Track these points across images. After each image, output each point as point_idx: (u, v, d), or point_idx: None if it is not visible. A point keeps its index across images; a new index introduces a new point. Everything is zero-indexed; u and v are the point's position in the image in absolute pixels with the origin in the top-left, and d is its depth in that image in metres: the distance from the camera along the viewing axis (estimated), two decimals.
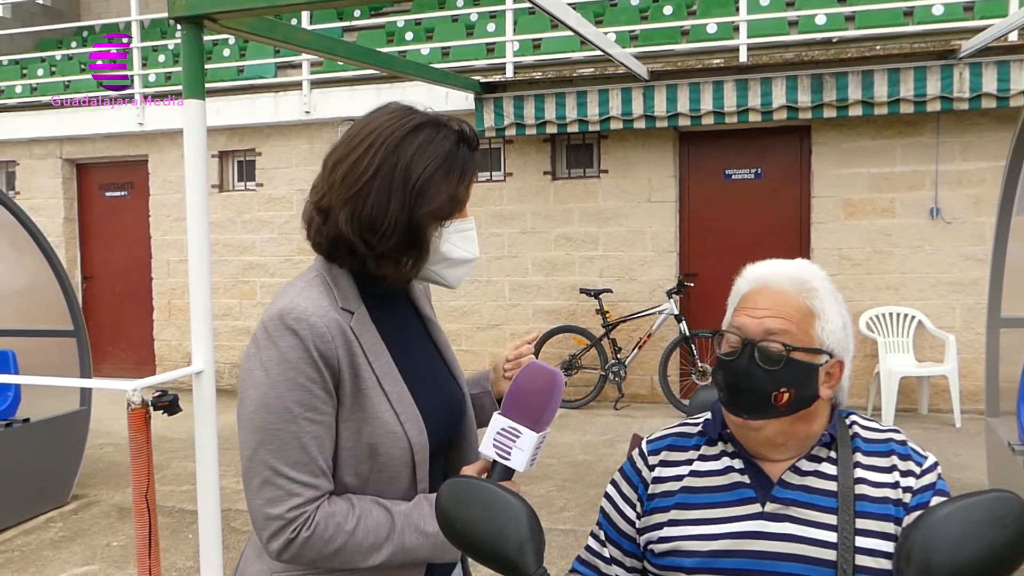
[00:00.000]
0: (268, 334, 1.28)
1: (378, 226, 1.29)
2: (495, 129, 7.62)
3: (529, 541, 1.08)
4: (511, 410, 1.28)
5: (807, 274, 1.38)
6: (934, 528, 0.91)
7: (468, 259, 1.42)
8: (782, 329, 1.32)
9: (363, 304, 1.36)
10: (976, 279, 6.95)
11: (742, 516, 1.33)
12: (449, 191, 1.33)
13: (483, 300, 8.17)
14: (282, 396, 1.27)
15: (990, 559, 0.88)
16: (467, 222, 1.40)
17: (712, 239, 7.66)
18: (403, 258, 1.33)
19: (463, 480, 1.14)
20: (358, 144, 1.33)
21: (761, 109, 6.96)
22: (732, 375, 1.34)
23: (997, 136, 6.83)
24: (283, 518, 1.28)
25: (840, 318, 1.37)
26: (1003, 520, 0.89)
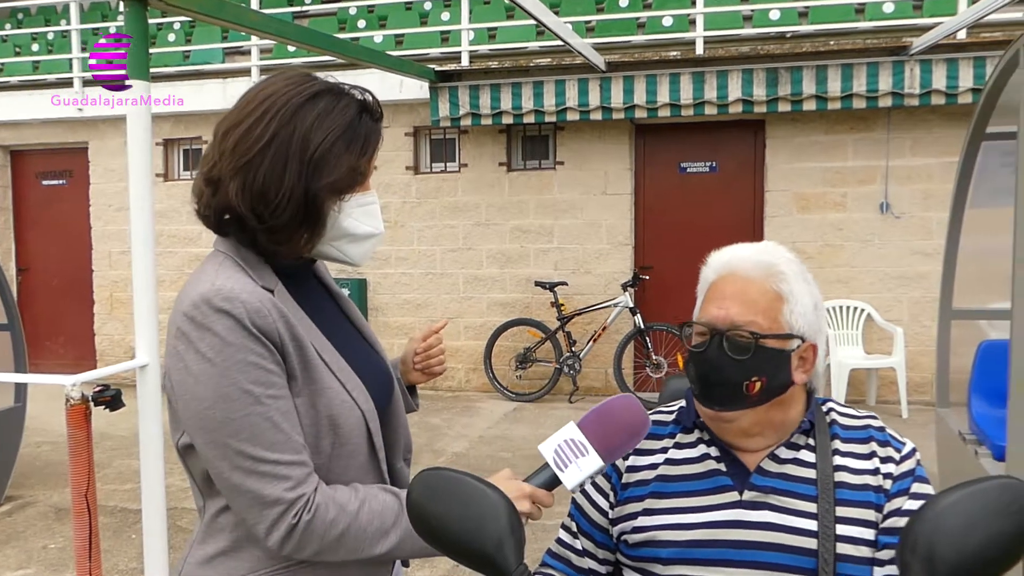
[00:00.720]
0: (197, 323, 1.17)
1: (271, 198, 1.20)
2: (450, 119, 7.51)
3: (509, 537, 1.00)
4: (590, 429, 1.19)
5: (774, 257, 1.35)
6: (938, 518, 0.87)
7: (372, 234, 1.33)
8: (749, 318, 1.29)
9: (280, 281, 1.28)
10: (924, 273, 7.07)
11: (720, 505, 1.29)
12: (350, 163, 1.25)
13: (437, 293, 8.06)
14: (236, 381, 1.17)
15: (996, 548, 0.85)
16: (369, 195, 1.32)
17: (667, 232, 7.66)
18: (297, 232, 1.24)
19: (436, 472, 1.05)
20: (252, 111, 1.24)
21: (717, 102, 6.97)
22: (702, 367, 1.30)
23: (946, 132, 6.94)
24: (283, 501, 1.18)
25: (810, 299, 1.33)
26: (1009, 508, 0.86)
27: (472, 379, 8.00)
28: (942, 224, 6.92)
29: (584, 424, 1.19)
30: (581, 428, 1.18)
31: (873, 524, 1.25)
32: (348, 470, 1.29)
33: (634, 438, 1.20)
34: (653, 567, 1.31)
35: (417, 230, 8.04)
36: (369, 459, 1.33)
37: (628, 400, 1.21)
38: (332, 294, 1.47)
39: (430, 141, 8.15)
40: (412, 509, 1.05)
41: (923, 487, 1.28)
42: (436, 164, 8.13)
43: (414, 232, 8.04)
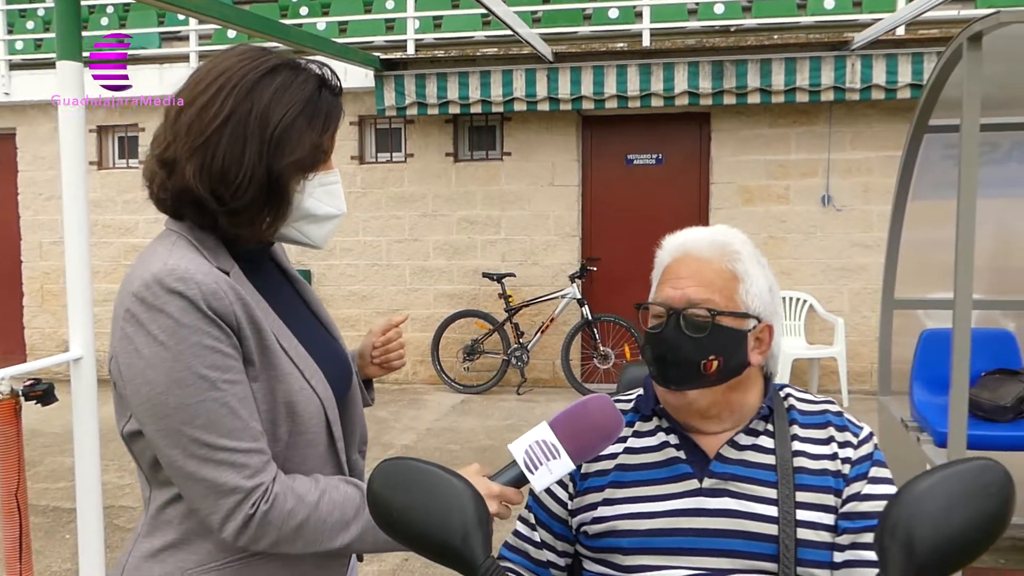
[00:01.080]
0: (148, 305, 1.11)
1: (231, 179, 1.14)
2: (396, 108, 7.41)
3: (476, 529, 0.96)
4: (563, 430, 1.15)
5: (728, 238, 1.35)
6: (917, 501, 0.86)
7: (334, 215, 1.28)
8: (706, 297, 1.28)
9: (236, 264, 1.22)
10: (863, 265, 7.23)
11: (680, 493, 1.28)
12: (313, 140, 1.20)
13: (383, 284, 7.96)
14: (191, 365, 1.10)
15: (975, 530, 0.84)
16: (331, 175, 1.26)
17: (614, 224, 7.68)
18: (260, 214, 1.19)
19: (399, 462, 0.99)
20: (205, 88, 1.17)
21: (663, 94, 7.00)
22: (659, 347, 1.29)
23: (885, 127, 7.09)
24: (240, 489, 1.12)
25: (765, 281, 1.33)
26: (988, 489, 0.85)
27: (419, 371, 7.93)
28: (882, 216, 7.10)
29: (556, 425, 1.14)
30: (553, 429, 1.14)
31: (832, 509, 1.25)
32: (307, 460, 1.24)
33: (606, 441, 1.17)
34: (614, 558, 1.28)
35: (362, 221, 7.91)
36: (328, 449, 1.28)
37: (602, 402, 1.17)
38: (290, 279, 1.41)
39: (375, 130, 8.03)
40: (374, 500, 0.99)
41: (881, 471, 1.29)
42: (382, 154, 8.01)
43: (359, 223, 7.92)
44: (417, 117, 7.66)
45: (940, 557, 0.83)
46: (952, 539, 0.83)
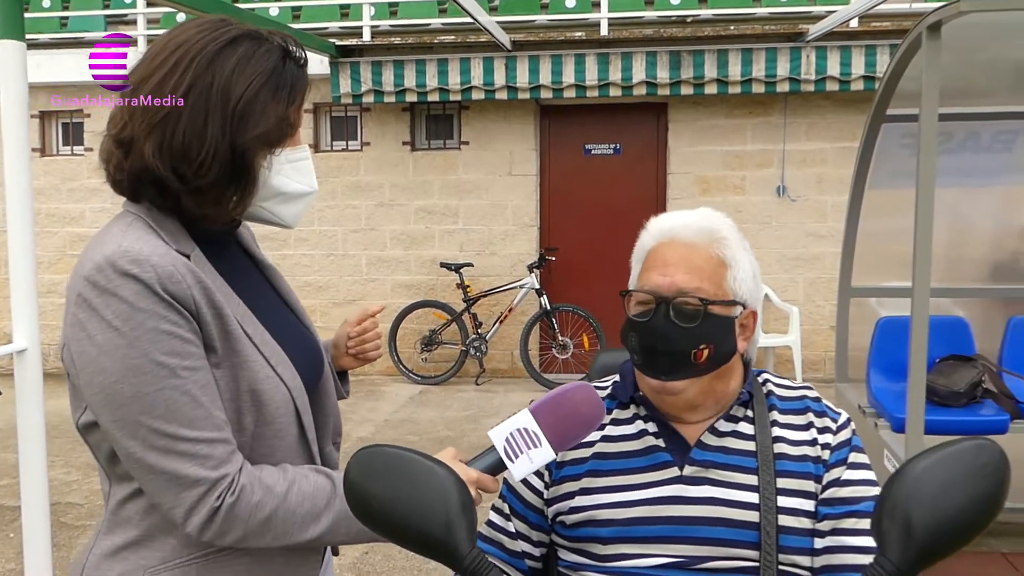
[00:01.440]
0: (100, 288, 1.05)
1: (193, 156, 1.09)
2: (352, 96, 7.29)
3: (460, 518, 0.91)
4: (545, 418, 1.10)
5: (716, 223, 1.32)
6: (916, 483, 0.84)
7: (305, 192, 1.23)
8: (696, 285, 1.25)
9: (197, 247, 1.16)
10: (817, 254, 7.32)
11: (660, 481, 1.25)
12: (278, 113, 1.14)
13: (339, 275, 7.85)
14: (148, 352, 1.04)
15: (973, 510, 0.83)
16: (300, 150, 1.21)
17: (572, 214, 7.67)
18: (226, 193, 1.13)
19: (377, 449, 0.94)
20: (163, 61, 1.11)
21: (622, 84, 7.00)
22: (648, 337, 1.25)
23: (839, 118, 7.18)
24: (204, 481, 1.07)
25: (750, 266, 1.31)
26: (984, 470, 0.84)
27: (376, 362, 7.82)
28: (835, 207, 7.21)
29: (539, 413, 1.10)
30: (535, 417, 1.10)
31: (812, 495, 1.23)
32: (274, 452, 1.18)
33: (588, 430, 1.13)
34: (592, 547, 1.25)
35: (318, 210, 7.79)
36: (298, 441, 1.22)
37: (586, 391, 1.13)
38: (258, 264, 1.35)
39: (331, 118, 7.90)
40: (351, 490, 0.93)
41: (859, 456, 1.28)
42: (337, 142, 7.89)
43: (315, 212, 7.78)
44: (373, 105, 7.56)
45: (938, 538, 0.82)
46: (951, 520, 0.82)
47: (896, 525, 0.83)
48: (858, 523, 1.21)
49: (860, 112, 7.01)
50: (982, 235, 4.21)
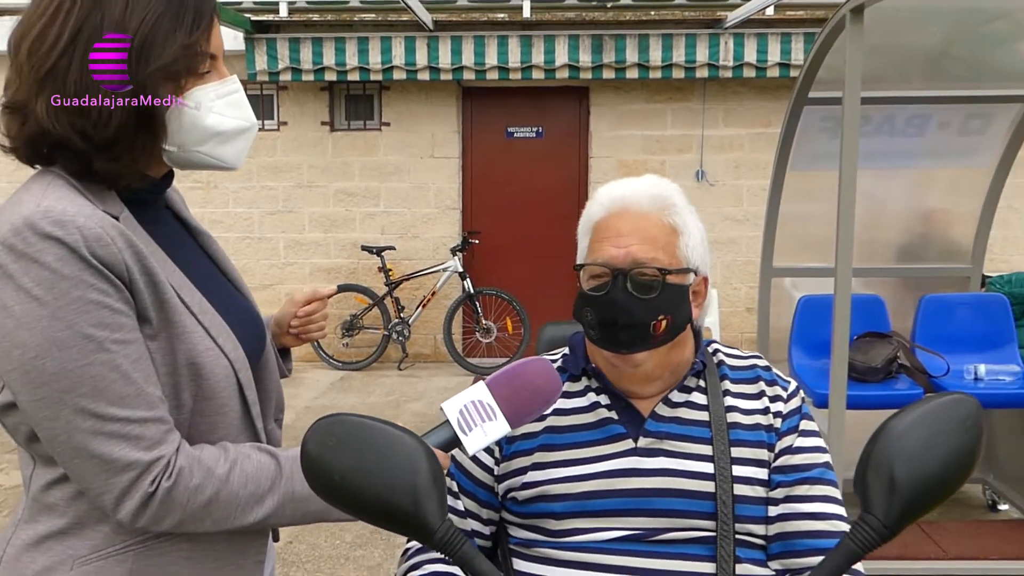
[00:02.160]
0: (18, 254, 0.94)
1: (91, 108, 0.99)
2: (268, 73, 7.06)
3: (431, 489, 0.86)
4: (501, 392, 1.06)
5: (665, 190, 1.30)
6: (899, 438, 0.85)
7: (244, 128, 1.14)
8: (652, 255, 1.22)
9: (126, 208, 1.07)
10: (734, 238, 7.48)
11: (614, 454, 1.23)
12: (183, 41, 1.03)
13: (255, 258, 7.62)
14: (73, 323, 0.95)
15: (953, 464, 0.84)
16: (229, 83, 1.11)
17: (495, 197, 7.63)
18: (135, 142, 1.03)
19: (337, 419, 0.88)
20: (44, 9, 1.01)
21: (544, 67, 6.98)
22: (605, 310, 1.22)
23: (755, 104, 7.34)
24: (136, 464, 0.98)
25: (699, 231, 1.30)
26: (964, 424, 0.85)
27: (296, 348, 7.62)
28: (751, 191, 7.37)
29: (494, 386, 1.06)
30: (491, 389, 1.06)
31: (766, 463, 1.24)
32: (216, 429, 1.10)
33: (545, 405, 1.09)
34: (545, 523, 1.22)
35: (232, 191, 7.54)
36: (241, 417, 1.14)
37: (543, 364, 1.09)
38: (191, 231, 1.25)
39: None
40: (310, 463, 0.87)
41: (809, 424, 1.29)
42: None
43: (229, 194, 7.54)
44: (291, 83, 7.35)
45: (922, 493, 0.83)
46: (933, 473, 0.83)
47: (880, 481, 0.83)
48: (810, 489, 1.22)
49: (776, 99, 7.18)
50: (895, 217, 4.35)
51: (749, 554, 1.19)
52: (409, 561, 1.28)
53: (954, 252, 4.30)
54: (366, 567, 3.51)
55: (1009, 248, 7.17)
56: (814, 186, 4.20)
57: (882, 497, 0.83)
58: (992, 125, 3.95)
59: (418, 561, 1.27)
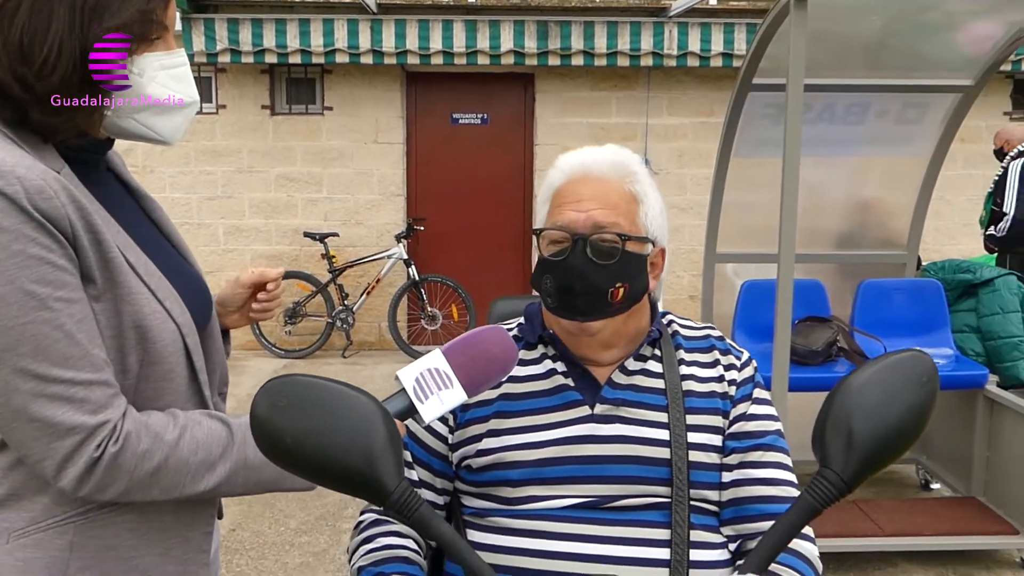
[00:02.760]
0: None
1: (35, 55, 0.95)
2: (206, 54, 6.87)
3: (388, 449, 0.84)
4: (457, 359, 1.04)
5: (627, 158, 1.30)
6: (857, 394, 0.86)
7: (184, 103, 1.11)
8: (612, 220, 1.22)
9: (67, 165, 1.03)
10: (678, 227, 7.55)
11: (570, 420, 1.22)
12: (139, 5, 1.01)
13: (194, 244, 7.40)
14: (14, 279, 0.91)
15: (909, 419, 0.85)
16: (176, 55, 1.08)
17: (440, 183, 7.58)
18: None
19: (287, 379, 0.85)
20: None
21: (490, 52, 6.95)
22: (564, 276, 1.21)
23: (699, 94, 7.42)
24: (80, 429, 0.94)
25: (658, 203, 1.30)
26: (920, 379, 0.86)
27: (236, 336, 7.38)
28: (695, 180, 7.46)
29: (450, 353, 1.04)
30: (447, 357, 1.04)
31: (720, 430, 1.25)
32: (162, 395, 1.06)
33: (502, 373, 1.08)
34: (501, 491, 1.21)
35: (169, 176, 7.34)
36: (188, 384, 1.10)
37: (499, 332, 1.08)
38: (133, 192, 1.20)
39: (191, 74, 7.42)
40: (260, 426, 0.83)
41: (762, 392, 1.31)
42: None
43: (165, 178, 7.34)
44: (230, 65, 7.17)
45: (880, 448, 0.84)
46: (890, 428, 0.84)
47: (839, 436, 0.84)
48: (763, 456, 1.23)
49: (719, 89, 7.27)
50: (835, 205, 4.44)
51: (702, 520, 1.20)
52: (362, 534, 1.25)
53: (891, 239, 4.41)
54: (312, 553, 3.46)
55: (942, 239, 7.40)
56: (756, 174, 4.26)
57: (840, 452, 0.83)
58: (928, 115, 4.06)
59: (371, 534, 1.24)
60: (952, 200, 7.16)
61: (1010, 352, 3.85)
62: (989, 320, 3.92)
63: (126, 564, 1.06)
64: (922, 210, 4.27)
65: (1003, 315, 3.89)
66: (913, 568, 3.32)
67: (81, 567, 1.02)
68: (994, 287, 3.95)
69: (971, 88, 3.86)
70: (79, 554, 1.02)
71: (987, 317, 3.93)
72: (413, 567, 1.19)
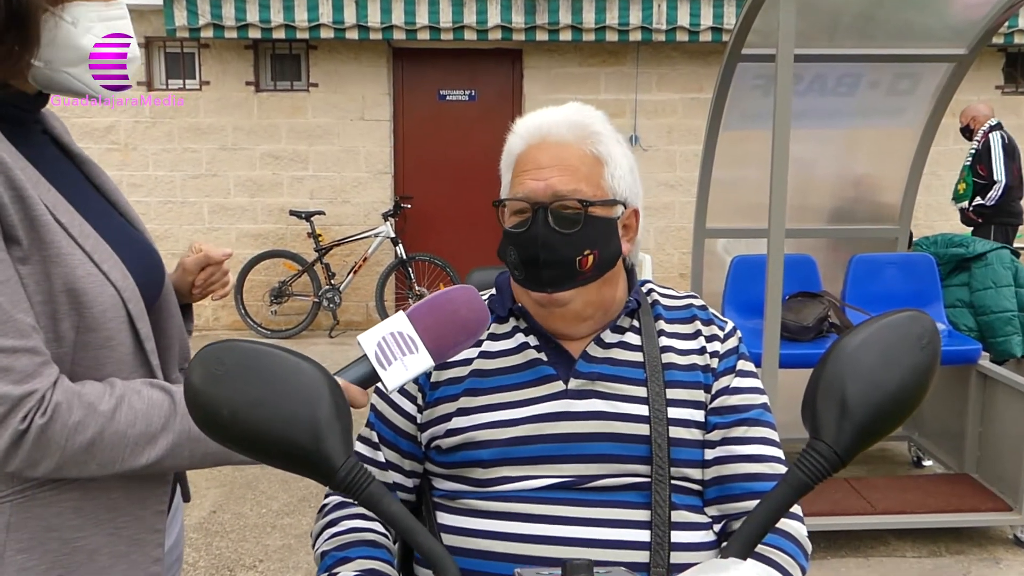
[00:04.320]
0: None
1: None
2: (188, 29, 6.74)
3: (333, 422, 0.77)
4: (423, 322, 0.97)
5: (586, 117, 1.22)
6: (852, 357, 0.77)
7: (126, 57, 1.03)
8: (573, 187, 1.15)
9: None
10: (668, 204, 7.49)
11: (544, 397, 1.15)
12: None
13: (178, 224, 7.33)
14: None
15: (909, 384, 0.76)
16: (116, 7, 1.01)
17: (427, 161, 7.48)
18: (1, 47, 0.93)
19: (227, 344, 0.77)
20: None
21: (476, 27, 6.83)
22: (528, 248, 1.14)
23: (688, 69, 7.32)
24: (5, 399, 0.88)
25: (626, 161, 1.22)
26: (920, 341, 0.78)
27: (221, 316, 7.42)
28: (684, 156, 7.38)
29: (415, 316, 0.97)
30: (411, 320, 0.97)
31: (702, 405, 1.18)
32: (103, 365, 0.99)
33: (470, 338, 1.01)
34: (471, 472, 1.14)
35: (152, 154, 7.22)
36: (133, 354, 1.03)
37: (468, 292, 1.01)
38: (73, 158, 1.12)
39: (165, 54, 7.29)
40: (195, 396, 0.76)
41: (747, 364, 1.24)
42: (173, 80, 7.31)
43: (148, 156, 7.22)
44: (213, 41, 7.04)
45: (877, 416, 0.76)
46: (889, 396, 0.75)
47: (832, 404, 0.76)
48: (748, 431, 1.17)
49: (708, 64, 7.18)
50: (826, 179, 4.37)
51: (685, 500, 1.13)
52: (326, 517, 1.19)
53: (882, 214, 4.35)
54: (293, 535, 3.40)
55: (932, 214, 7.35)
56: (746, 149, 4.19)
57: (833, 421, 0.76)
58: (920, 86, 3.98)
59: (335, 517, 1.18)
60: (943, 175, 7.09)
61: (1003, 327, 3.81)
62: (982, 295, 3.87)
63: (69, 545, 0.99)
64: (914, 183, 4.20)
65: (996, 289, 3.85)
66: (905, 546, 3.28)
67: (20, 548, 0.95)
68: (987, 261, 3.90)
69: (964, 57, 3.78)
70: (16, 535, 0.95)
71: (980, 292, 3.88)
72: (380, 550, 1.13)
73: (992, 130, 6.15)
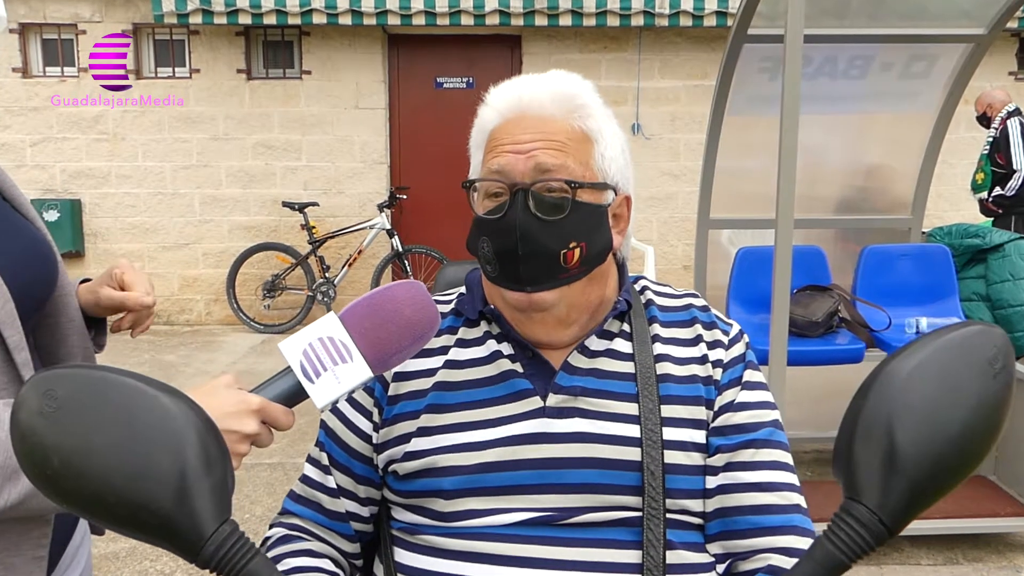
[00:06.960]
0: None
1: None
2: (177, 15, 6.56)
3: (202, 477, 0.58)
4: (358, 325, 0.81)
5: (573, 87, 1.03)
6: (900, 390, 0.56)
7: None
8: (558, 164, 0.96)
9: None
10: (671, 193, 7.30)
11: (518, 415, 0.97)
12: None
13: (169, 216, 7.15)
14: None
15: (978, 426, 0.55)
16: None
17: (424, 151, 7.29)
18: None
19: (63, 373, 0.58)
20: None
21: (474, 12, 6.64)
22: (503, 238, 0.96)
23: (692, 55, 7.12)
24: None
25: (618, 140, 1.04)
26: (993, 366, 0.56)
27: (213, 311, 7.25)
28: (688, 145, 7.18)
29: (349, 318, 0.81)
30: (345, 323, 0.81)
31: (704, 424, 0.99)
32: None
33: (418, 342, 0.84)
34: (432, 503, 0.97)
35: (141, 144, 7.05)
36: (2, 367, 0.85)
37: (412, 288, 0.84)
38: None
39: (154, 41, 7.11)
40: (23, 440, 0.57)
41: (755, 374, 1.05)
42: (162, 68, 7.13)
43: (138, 146, 7.04)
44: (202, 27, 6.85)
45: (935, 468, 0.55)
46: (951, 441, 0.55)
47: (875, 453, 0.55)
48: (756, 454, 0.99)
49: (712, 50, 6.98)
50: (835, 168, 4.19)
51: (683, 537, 0.96)
52: (269, 553, 1.01)
53: (895, 203, 4.16)
54: None
55: (943, 204, 7.15)
56: (752, 136, 4.01)
57: (877, 477, 0.56)
58: (935, 68, 3.79)
59: (279, 553, 1.01)
60: (955, 164, 6.89)
61: (1021, 321, 3.62)
62: (999, 287, 3.69)
63: None
64: (928, 171, 4.01)
65: (1014, 282, 3.66)
66: (920, 554, 3.11)
67: None
68: (1004, 252, 3.71)
69: (983, 37, 3.59)
70: None
71: (997, 284, 3.70)
72: None
73: (1010, 116, 5.94)
